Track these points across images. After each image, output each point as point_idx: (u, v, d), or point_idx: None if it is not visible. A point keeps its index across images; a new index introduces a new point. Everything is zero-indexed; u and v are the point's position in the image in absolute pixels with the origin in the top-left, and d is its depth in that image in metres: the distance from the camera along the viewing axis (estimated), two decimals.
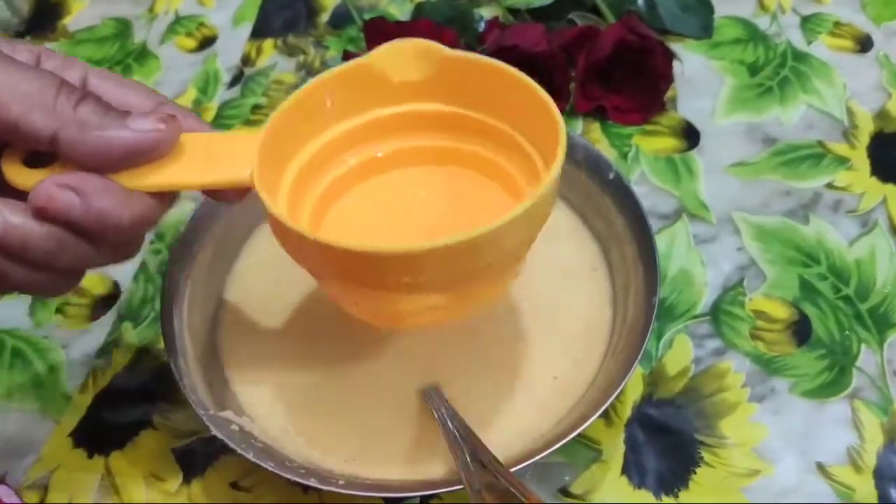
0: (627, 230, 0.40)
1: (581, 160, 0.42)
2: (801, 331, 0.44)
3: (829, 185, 0.51)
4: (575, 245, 0.43)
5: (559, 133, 0.29)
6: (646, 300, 0.37)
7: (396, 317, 0.34)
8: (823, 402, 0.42)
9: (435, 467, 0.36)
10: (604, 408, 0.33)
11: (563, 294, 0.41)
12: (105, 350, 0.46)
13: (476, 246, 0.26)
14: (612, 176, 0.41)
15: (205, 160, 0.29)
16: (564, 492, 0.39)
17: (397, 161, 0.35)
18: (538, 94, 0.31)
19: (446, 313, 0.33)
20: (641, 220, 0.39)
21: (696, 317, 0.45)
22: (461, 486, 0.32)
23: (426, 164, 0.35)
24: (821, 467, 0.39)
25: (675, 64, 0.55)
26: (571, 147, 0.43)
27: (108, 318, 0.48)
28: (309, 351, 0.40)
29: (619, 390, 0.33)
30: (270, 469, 0.32)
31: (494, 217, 0.26)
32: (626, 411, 0.42)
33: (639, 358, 0.34)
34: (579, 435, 0.34)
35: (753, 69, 0.58)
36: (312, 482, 0.31)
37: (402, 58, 0.33)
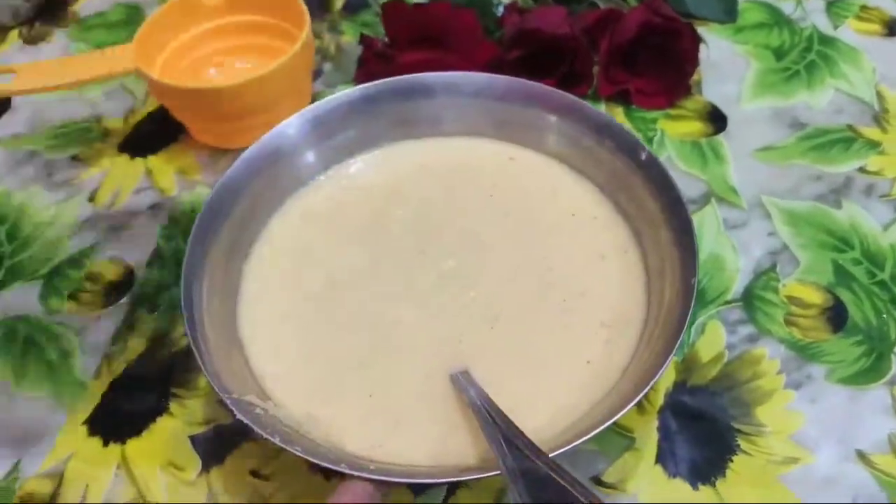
0: (662, 212, 0.38)
1: (611, 141, 0.41)
2: (836, 316, 0.43)
3: (861, 170, 0.50)
4: (605, 227, 0.42)
5: (304, 16, 0.51)
6: (683, 283, 0.35)
7: (227, 136, 0.52)
8: (862, 389, 0.40)
9: (462, 453, 0.34)
10: (642, 394, 0.31)
11: (595, 277, 0.40)
12: (119, 337, 0.45)
13: (261, 81, 0.47)
14: (644, 157, 0.39)
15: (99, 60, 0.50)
16: (597, 480, 0.38)
17: (224, 52, 0.56)
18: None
19: (258, 132, 0.43)
20: (677, 202, 0.38)
21: (728, 302, 0.44)
22: (495, 472, 0.31)
23: (240, 54, 0.56)
24: (861, 455, 0.38)
25: (701, 48, 0.54)
26: (601, 127, 0.42)
27: (122, 305, 0.46)
28: (331, 336, 0.39)
29: (658, 376, 0.32)
30: (298, 454, 0.31)
31: None
32: (659, 399, 0.40)
33: (678, 343, 0.33)
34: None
35: (779, 53, 0.57)
36: (343, 468, 0.30)
37: None
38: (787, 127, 0.52)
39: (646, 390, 0.31)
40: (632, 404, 0.31)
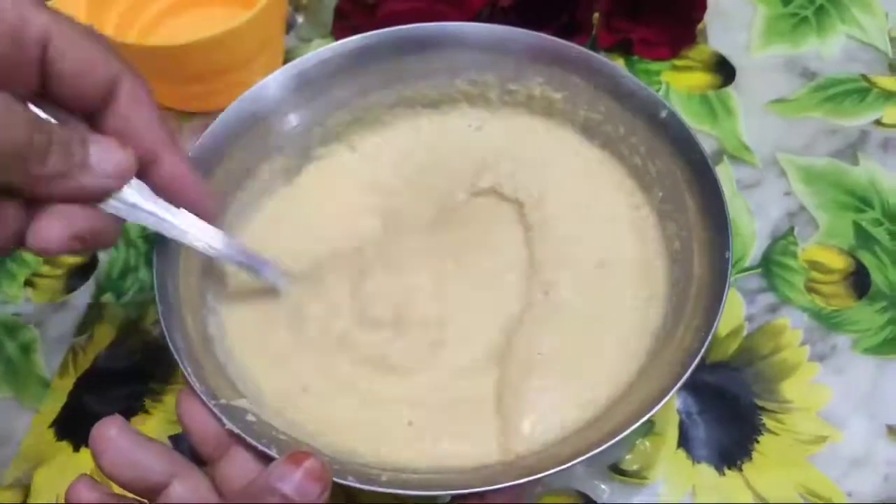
0: (684, 176, 0.35)
1: (627, 98, 0.37)
2: (859, 282, 0.41)
3: (877, 122, 0.47)
4: (618, 190, 0.38)
5: None
6: (714, 258, 0.32)
7: (193, 99, 0.48)
8: (890, 359, 0.38)
9: (464, 461, 0.31)
10: (680, 382, 0.28)
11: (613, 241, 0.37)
12: (84, 327, 0.41)
13: (231, 35, 0.43)
14: (664, 115, 0.36)
15: None
16: (616, 469, 0.35)
17: (186, 4, 0.51)
18: None
19: (226, 94, 0.39)
20: (702, 164, 0.34)
21: (745, 270, 0.41)
22: (509, 483, 0.28)
23: (204, 6, 0.51)
24: (892, 430, 0.36)
25: None
26: (609, 78, 0.38)
27: (86, 291, 0.42)
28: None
29: (691, 368, 0.29)
30: None
31: None
32: None
33: (714, 327, 0.30)
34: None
35: None
36: (350, 480, 0.26)
37: None
38: (799, 77, 0.49)
39: (683, 379, 0.28)
40: (671, 394, 0.28)
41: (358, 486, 0.27)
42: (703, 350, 0.29)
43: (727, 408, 0.37)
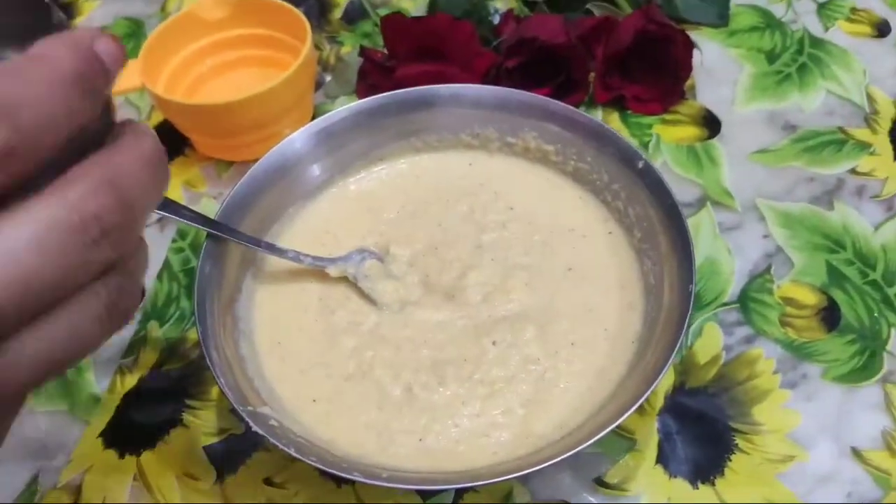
0: (659, 220, 0.39)
1: (608, 148, 0.42)
2: (830, 316, 0.44)
3: (853, 171, 0.51)
4: (603, 237, 0.43)
5: (306, 28, 0.52)
6: (681, 290, 0.36)
7: (231, 149, 0.54)
8: (856, 387, 0.41)
9: (471, 460, 0.36)
10: (644, 398, 0.33)
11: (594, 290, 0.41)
12: (131, 350, 0.46)
13: (266, 96, 0.48)
14: (641, 165, 0.41)
15: None
16: (600, 482, 0.39)
17: (227, 65, 0.58)
18: (293, 11, 0.54)
19: (262, 145, 0.46)
20: (673, 210, 0.39)
21: (724, 304, 0.45)
22: (503, 478, 0.32)
23: (243, 67, 0.58)
24: (856, 452, 0.39)
25: (695, 53, 0.55)
26: (598, 135, 0.43)
27: (134, 318, 0.48)
28: (336, 351, 0.40)
29: (659, 379, 0.33)
30: (313, 464, 0.32)
31: None
32: (659, 401, 0.41)
33: (677, 347, 0.34)
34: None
35: (771, 57, 0.58)
36: (356, 476, 0.31)
37: (207, 5, 0.56)
38: (781, 129, 0.54)
39: (647, 393, 0.32)
40: (633, 408, 0.32)
41: (363, 480, 0.31)
42: (666, 368, 0.33)
43: (704, 429, 0.41)
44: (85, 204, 0.20)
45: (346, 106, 0.44)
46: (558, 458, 0.32)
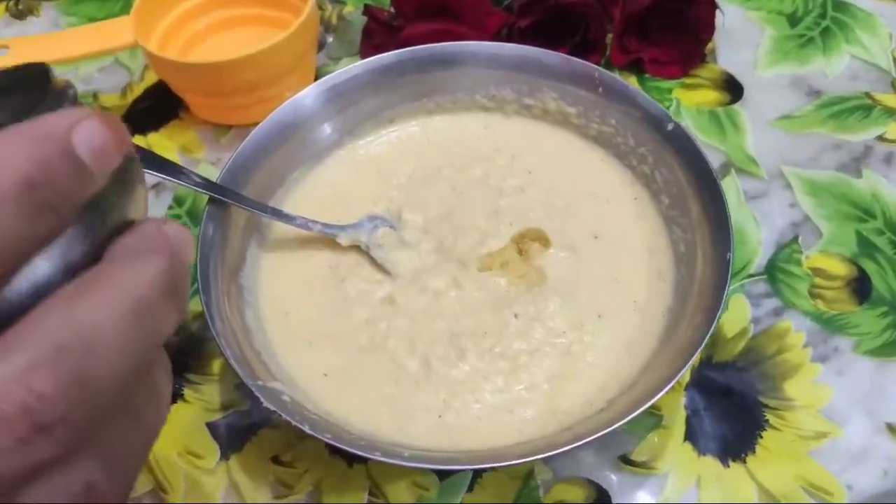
0: (689, 184, 0.37)
1: (636, 111, 0.40)
2: (861, 288, 0.43)
3: (880, 138, 0.49)
4: (629, 202, 0.41)
5: None
6: (716, 259, 0.34)
7: (229, 112, 0.51)
8: (889, 361, 0.40)
9: (494, 439, 0.34)
10: (679, 375, 0.31)
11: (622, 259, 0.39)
12: None
13: (266, 54, 0.45)
14: (670, 127, 0.38)
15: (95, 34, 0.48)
16: (626, 460, 0.37)
17: (225, 23, 0.54)
18: None
19: (261, 108, 0.44)
20: (706, 174, 0.36)
21: (751, 276, 0.43)
22: (531, 458, 0.30)
23: (242, 25, 0.54)
24: (891, 428, 0.38)
25: (716, 14, 0.52)
26: (624, 97, 0.41)
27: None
28: (348, 323, 0.38)
29: (693, 357, 0.31)
30: (328, 441, 0.30)
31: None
32: (685, 376, 0.40)
33: (715, 322, 0.32)
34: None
35: (793, 20, 0.56)
36: (377, 455, 0.29)
37: None
38: (804, 95, 0.51)
39: (685, 369, 0.31)
40: (670, 385, 0.30)
41: (384, 460, 0.29)
42: (703, 342, 0.31)
43: (732, 405, 0.39)
44: (14, 388, 0.14)
45: (357, 63, 0.42)
46: (591, 438, 0.30)
